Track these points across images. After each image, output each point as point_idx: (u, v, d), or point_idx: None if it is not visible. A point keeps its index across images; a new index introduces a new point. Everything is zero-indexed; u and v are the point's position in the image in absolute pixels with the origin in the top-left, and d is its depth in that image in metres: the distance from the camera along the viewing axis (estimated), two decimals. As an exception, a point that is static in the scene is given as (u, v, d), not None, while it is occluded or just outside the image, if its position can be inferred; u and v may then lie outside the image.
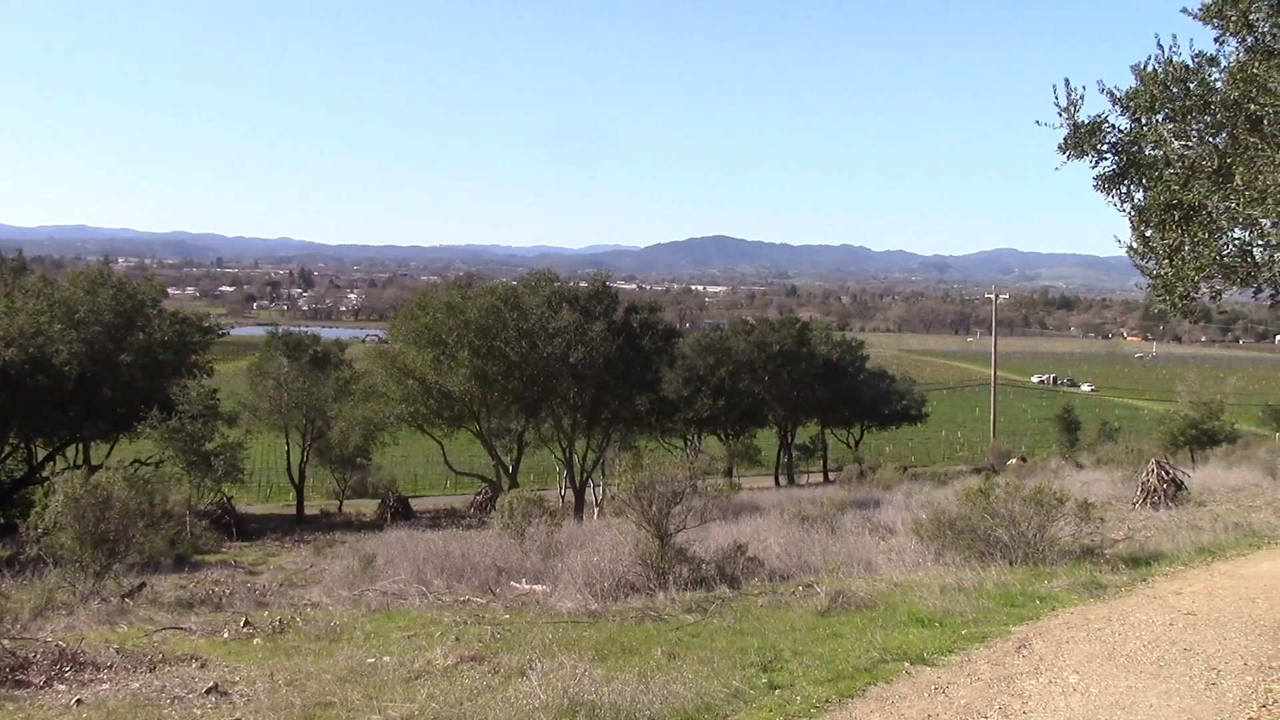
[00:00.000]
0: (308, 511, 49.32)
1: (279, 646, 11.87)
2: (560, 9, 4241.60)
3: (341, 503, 52.61)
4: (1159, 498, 25.80)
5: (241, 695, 9.31)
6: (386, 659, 10.56)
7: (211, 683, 9.61)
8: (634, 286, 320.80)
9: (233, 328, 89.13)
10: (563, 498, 44.45)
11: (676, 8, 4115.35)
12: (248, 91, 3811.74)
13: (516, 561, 18.27)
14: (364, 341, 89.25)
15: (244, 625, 13.15)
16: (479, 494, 45.99)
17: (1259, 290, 10.89)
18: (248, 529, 39.44)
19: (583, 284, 47.60)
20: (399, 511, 44.10)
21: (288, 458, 50.38)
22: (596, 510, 41.04)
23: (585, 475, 45.88)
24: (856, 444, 73.19)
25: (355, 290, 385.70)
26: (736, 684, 8.97)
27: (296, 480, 49.76)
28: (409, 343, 41.28)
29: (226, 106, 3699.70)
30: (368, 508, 49.42)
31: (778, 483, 63.52)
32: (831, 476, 63.90)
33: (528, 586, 16.02)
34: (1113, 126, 11.05)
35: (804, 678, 9.19)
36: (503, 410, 43.93)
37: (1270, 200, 9.63)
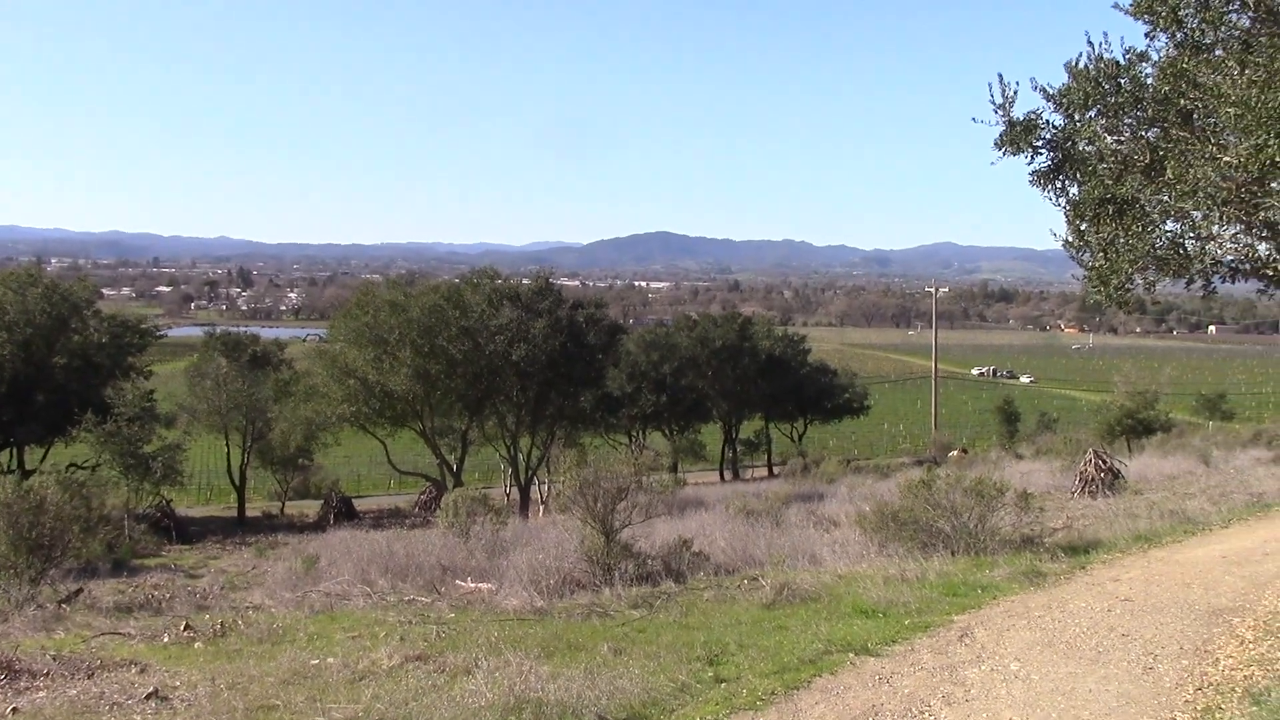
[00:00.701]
0: (249, 513, 48.76)
1: (220, 650, 11.74)
2: (498, 6, 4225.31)
3: (284, 504, 52.11)
4: (1097, 487, 26.23)
5: (182, 700, 9.19)
6: (330, 660, 10.47)
7: (151, 688, 9.48)
8: (577, 283, 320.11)
9: (170, 328, 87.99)
10: (508, 495, 44.30)
11: (617, 5, 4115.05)
12: (183, 87, 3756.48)
13: (462, 560, 18.20)
14: (305, 341, 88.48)
15: (184, 629, 12.98)
16: (423, 493, 45.74)
17: (1191, 281, 11.07)
18: (188, 532, 38.95)
19: (526, 281, 47.50)
20: (342, 512, 43.70)
21: (228, 459, 49.77)
22: (542, 508, 40.97)
23: (530, 473, 45.79)
24: (800, 438, 73.62)
25: (295, 289, 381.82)
26: (683, 678, 9.00)
27: (237, 482, 49.17)
28: (350, 342, 40.94)
29: (161, 103, 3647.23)
30: (310, 509, 48.99)
31: (722, 477, 63.78)
32: (776, 470, 64.27)
33: (473, 585, 15.96)
34: (1047, 123, 11.18)
35: (750, 670, 9.24)
36: (446, 409, 43.73)
37: (1201, 193, 9.79)
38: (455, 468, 43.65)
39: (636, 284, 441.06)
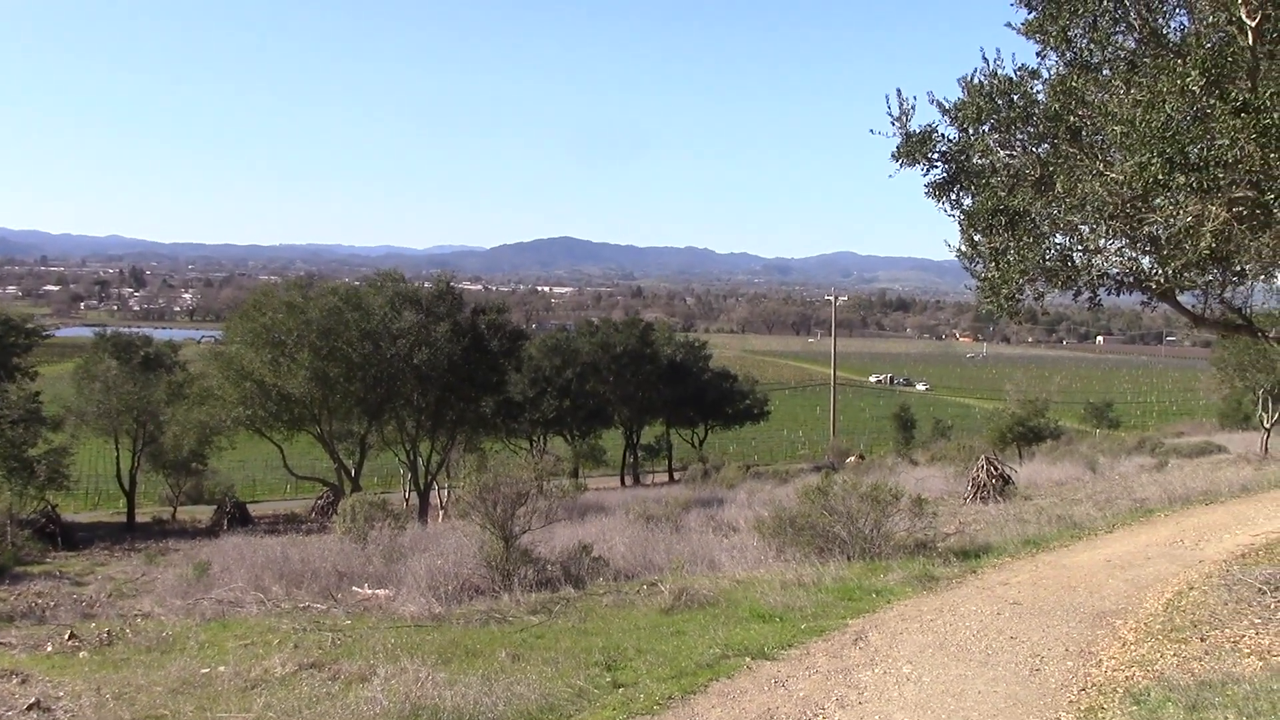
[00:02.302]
0: (139, 519, 47.50)
1: (107, 659, 11.46)
2: (405, 4, 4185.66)
3: (175, 509, 50.90)
4: (988, 492, 26.83)
5: (66, 711, 8.96)
6: (221, 669, 10.28)
7: (33, 699, 9.23)
8: (480, 287, 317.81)
9: (58, 329, 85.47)
10: (407, 501, 43.79)
11: (520, 7, 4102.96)
12: (71, 78, 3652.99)
13: (359, 566, 18.00)
14: (199, 343, 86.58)
15: (69, 638, 12.66)
16: (320, 498, 45.03)
17: (1079, 293, 11.38)
18: (75, 538, 37.82)
19: (428, 284, 47.03)
20: (236, 517, 42.78)
21: (117, 464, 48.45)
22: (441, 513, 40.58)
23: (430, 478, 45.32)
24: (701, 443, 74.07)
25: (190, 290, 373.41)
26: (581, 683, 9.01)
27: (127, 487, 47.88)
28: (246, 344, 40.10)
29: (50, 96, 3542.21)
30: (203, 514, 47.89)
31: (623, 483, 63.90)
32: (676, 476, 64.60)
33: (370, 591, 15.80)
34: (942, 136, 11.42)
35: (647, 675, 9.27)
36: (345, 413, 43.06)
37: (1088, 208, 10.08)
38: (353, 473, 43.05)
39: (540, 289, 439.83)
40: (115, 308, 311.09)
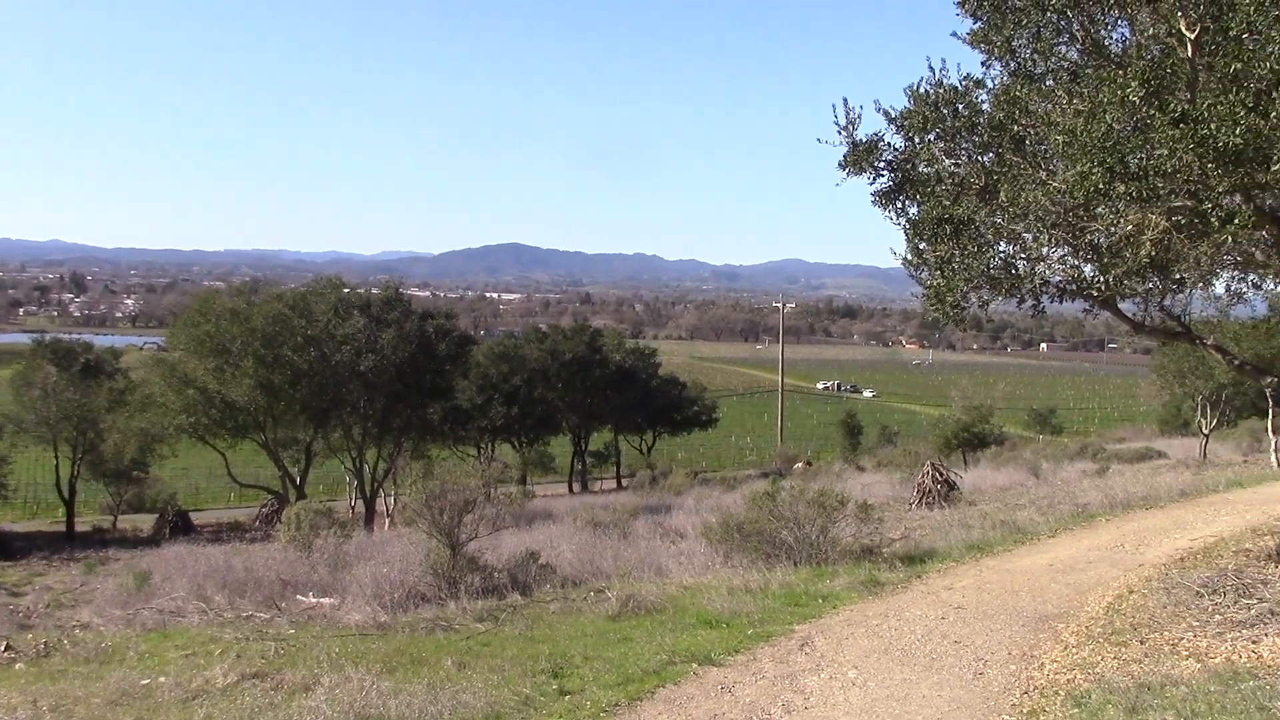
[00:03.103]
0: (79, 528, 46.68)
1: (44, 671, 11.25)
2: (347, 6, 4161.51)
3: (116, 518, 50.06)
4: (934, 498, 27.03)
5: (1, 724, 8.79)
6: (162, 679, 10.12)
7: (-33, 712, 9.04)
8: (428, 293, 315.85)
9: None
10: (353, 509, 43.52)
11: (466, 14, 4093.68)
12: (6, 80, 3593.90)
13: (303, 574, 17.83)
14: (141, 349, 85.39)
15: (4, 650, 12.42)
16: (264, 506, 44.58)
17: (1022, 300, 11.52)
18: (12, 548, 37.17)
19: (375, 290, 46.72)
20: (178, 526, 42.22)
21: (56, 472, 47.62)
22: (388, 521, 40.28)
23: (376, 485, 45.00)
24: (649, 450, 74.14)
25: (133, 296, 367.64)
26: (527, 691, 8.96)
27: (66, 495, 47.09)
28: (190, 351, 39.63)
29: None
30: (145, 523, 47.15)
31: (571, 490, 63.75)
32: (624, 482, 64.53)
33: (315, 600, 15.65)
34: (889, 145, 11.53)
35: (594, 682, 9.25)
36: (290, 420, 42.64)
37: (1031, 216, 10.21)
38: (298, 480, 42.65)
39: (488, 295, 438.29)
40: (55, 313, 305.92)
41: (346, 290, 44.53)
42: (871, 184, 11.77)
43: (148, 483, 51.92)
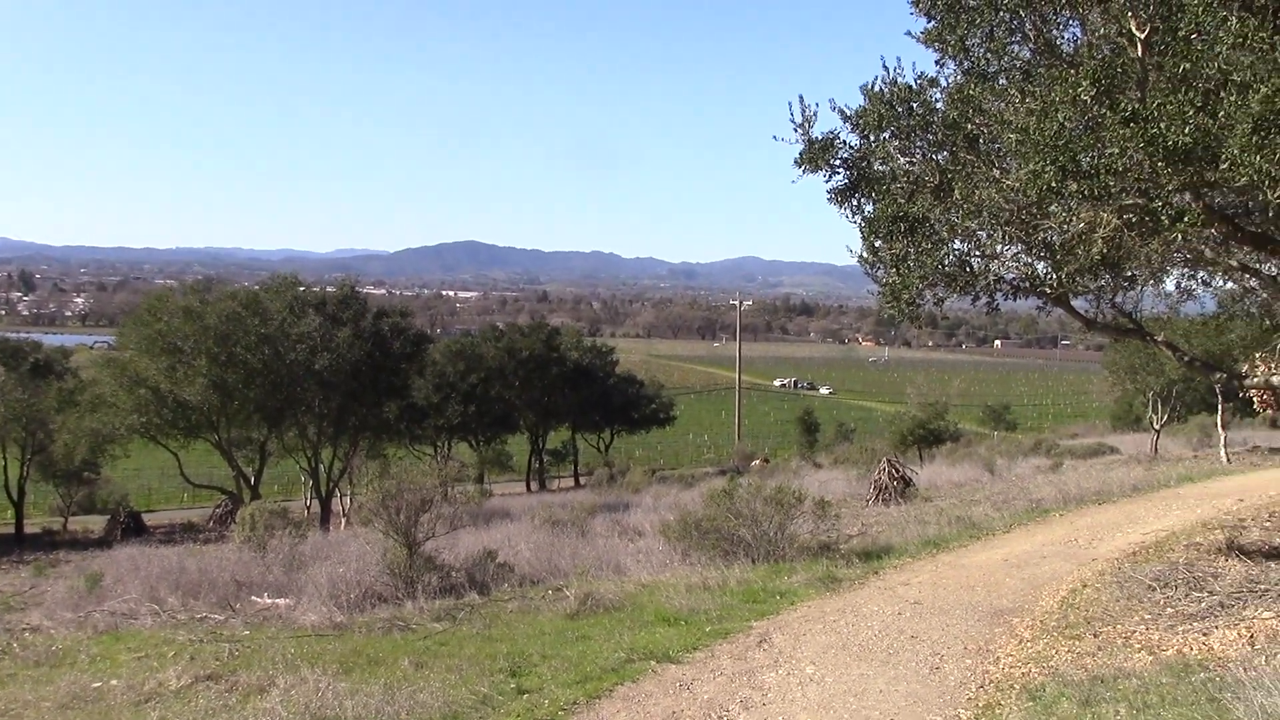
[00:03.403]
0: (28, 530, 46.03)
1: (-7, 675, 11.08)
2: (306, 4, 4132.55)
3: (66, 520, 49.37)
4: (890, 494, 27.22)
5: (-52, 730, 8.65)
6: (114, 683, 10.01)
7: (-86, 718, 8.89)
8: (384, 292, 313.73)
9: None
10: (308, 509, 43.12)
11: (424, 11, 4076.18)
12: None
13: (258, 575, 17.67)
14: (92, 349, 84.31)
15: (-47, 654, 12.22)
16: (218, 507, 44.12)
17: (976, 298, 11.59)
18: (-41, 551, 36.62)
19: (330, 288, 46.35)
20: (130, 527, 41.71)
21: (5, 473, 46.91)
22: (344, 520, 40.01)
23: (332, 485, 44.66)
24: (607, 448, 74.06)
25: (83, 294, 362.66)
26: (485, 690, 8.94)
27: (15, 497, 46.42)
28: (141, 350, 39.16)
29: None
30: (96, 524, 46.57)
31: (529, 488, 63.59)
32: (582, 481, 64.47)
33: (270, 601, 15.52)
34: (844, 143, 11.56)
35: (552, 681, 9.24)
36: (244, 419, 42.24)
37: (985, 214, 10.28)
38: (253, 480, 42.27)
39: (444, 293, 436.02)
40: (3, 312, 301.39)
41: (301, 289, 44.10)
42: (828, 182, 11.80)
43: (99, 484, 51.26)
